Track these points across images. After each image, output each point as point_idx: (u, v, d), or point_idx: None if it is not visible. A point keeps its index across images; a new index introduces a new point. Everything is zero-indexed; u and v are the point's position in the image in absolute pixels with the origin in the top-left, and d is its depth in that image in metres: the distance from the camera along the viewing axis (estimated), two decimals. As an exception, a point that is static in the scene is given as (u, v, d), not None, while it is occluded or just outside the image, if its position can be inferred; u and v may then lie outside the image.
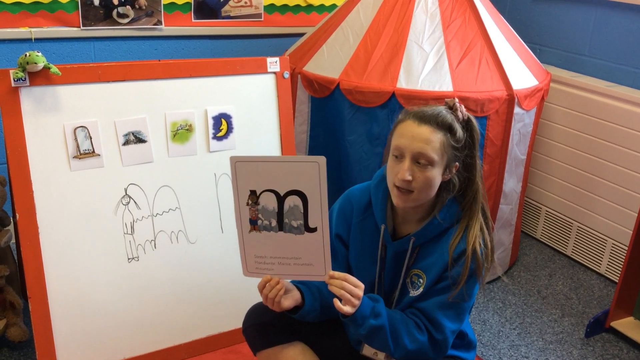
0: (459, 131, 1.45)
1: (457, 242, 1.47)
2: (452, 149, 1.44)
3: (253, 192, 1.36)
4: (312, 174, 1.30)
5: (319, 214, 1.34)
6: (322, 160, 1.30)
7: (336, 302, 1.37)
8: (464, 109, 1.47)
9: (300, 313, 1.51)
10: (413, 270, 1.54)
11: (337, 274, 1.38)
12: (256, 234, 1.39)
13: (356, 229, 1.61)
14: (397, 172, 1.43)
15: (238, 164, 1.35)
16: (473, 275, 1.47)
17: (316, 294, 1.54)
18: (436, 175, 1.44)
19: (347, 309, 1.37)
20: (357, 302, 1.38)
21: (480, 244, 1.47)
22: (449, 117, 1.44)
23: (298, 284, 1.53)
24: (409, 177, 1.41)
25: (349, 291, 1.36)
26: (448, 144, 1.43)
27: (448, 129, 1.43)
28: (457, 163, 1.47)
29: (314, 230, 1.35)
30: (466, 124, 1.47)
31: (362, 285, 1.39)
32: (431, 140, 1.41)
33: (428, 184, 1.43)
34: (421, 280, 1.51)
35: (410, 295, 1.53)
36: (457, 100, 1.48)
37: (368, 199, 1.60)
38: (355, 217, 1.61)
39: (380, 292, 1.59)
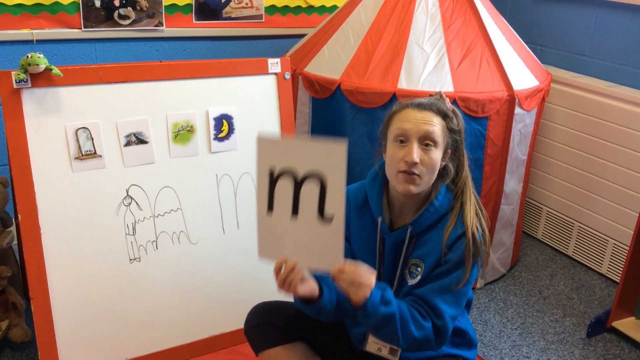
0: (454, 118, 1.52)
1: (452, 227, 1.49)
2: (450, 133, 1.50)
3: (272, 173, 1.34)
4: (334, 157, 1.28)
5: (337, 202, 1.31)
6: (344, 144, 1.27)
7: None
8: (448, 101, 1.55)
9: (317, 303, 1.46)
10: (411, 260, 1.55)
11: (347, 263, 1.35)
12: (273, 216, 1.37)
13: (355, 225, 1.62)
14: (403, 156, 1.45)
15: (261, 140, 1.35)
16: (472, 259, 1.48)
17: (332, 287, 1.50)
18: (439, 158, 1.48)
19: (361, 294, 1.35)
20: (372, 280, 1.36)
21: (477, 228, 1.49)
22: (443, 105, 1.52)
23: (315, 276, 1.49)
24: (417, 159, 1.43)
25: (359, 280, 1.34)
26: (447, 128, 1.50)
27: (445, 115, 1.50)
28: (449, 150, 1.52)
29: (329, 219, 1.32)
30: (453, 113, 1.54)
31: (374, 272, 1.38)
32: (434, 122, 1.47)
33: (433, 166, 1.47)
34: (419, 269, 1.53)
35: (409, 284, 1.54)
36: (442, 92, 1.57)
37: (364, 195, 1.62)
38: (353, 214, 1.62)
39: None
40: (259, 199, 1.38)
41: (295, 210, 1.35)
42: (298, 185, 1.33)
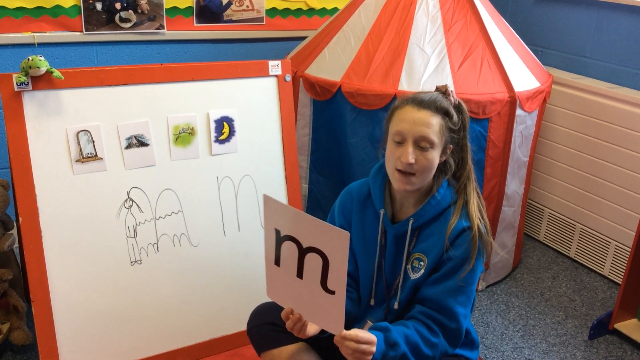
0: (455, 115, 1.52)
1: (456, 221, 1.50)
2: (449, 132, 1.50)
3: (278, 232, 1.40)
4: (337, 243, 1.31)
5: (338, 280, 1.34)
6: (347, 234, 1.29)
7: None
8: (454, 94, 1.54)
9: (325, 336, 1.50)
10: (414, 255, 1.55)
11: (348, 334, 1.36)
12: (280, 269, 1.44)
13: (357, 219, 1.64)
14: (399, 156, 1.47)
15: (267, 200, 1.41)
16: (479, 251, 1.49)
17: None
18: (436, 157, 1.49)
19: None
20: (373, 349, 1.38)
21: (481, 220, 1.51)
22: (445, 102, 1.51)
23: None
24: (413, 161, 1.45)
25: (362, 351, 1.36)
26: (446, 127, 1.49)
27: (445, 113, 1.50)
28: (451, 145, 1.53)
29: (331, 292, 1.36)
30: (458, 108, 1.54)
31: (375, 339, 1.39)
32: (432, 123, 1.47)
33: (429, 166, 1.48)
34: (422, 263, 1.54)
35: (412, 279, 1.55)
36: (447, 85, 1.55)
37: (367, 190, 1.64)
38: (356, 207, 1.64)
39: (381, 280, 1.61)
40: (267, 248, 1.44)
41: (300, 274, 1.39)
42: (302, 252, 1.37)
